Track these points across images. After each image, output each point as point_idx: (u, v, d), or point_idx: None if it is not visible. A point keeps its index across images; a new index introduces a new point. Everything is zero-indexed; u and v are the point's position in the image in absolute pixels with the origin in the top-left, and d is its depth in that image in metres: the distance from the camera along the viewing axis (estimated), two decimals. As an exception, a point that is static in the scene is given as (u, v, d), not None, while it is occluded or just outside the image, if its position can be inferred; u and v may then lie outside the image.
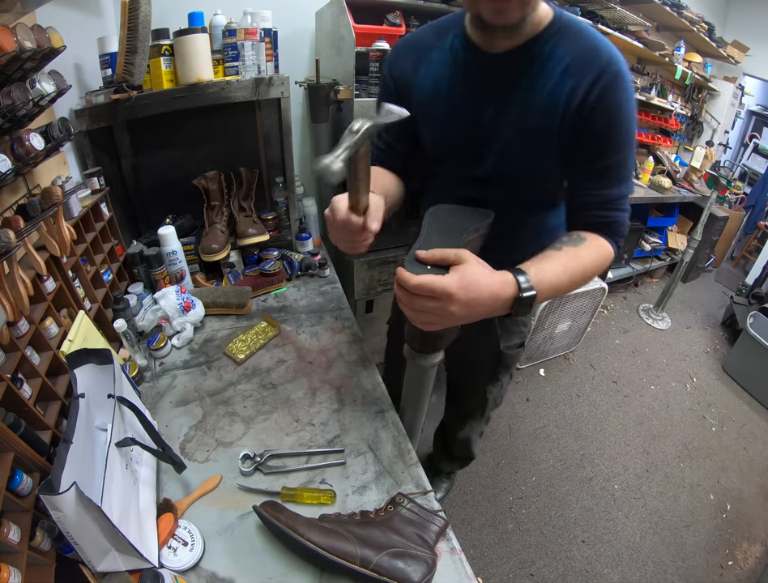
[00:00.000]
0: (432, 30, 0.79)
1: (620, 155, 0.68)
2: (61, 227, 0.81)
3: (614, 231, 0.72)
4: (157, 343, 1.00)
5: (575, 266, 0.65)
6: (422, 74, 0.77)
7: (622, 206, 0.71)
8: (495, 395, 1.17)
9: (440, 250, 0.57)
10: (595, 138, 0.66)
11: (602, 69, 0.63)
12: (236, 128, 1.32)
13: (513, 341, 1.03)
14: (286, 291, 1.29)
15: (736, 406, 2.36)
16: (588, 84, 0.63)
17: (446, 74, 0.75)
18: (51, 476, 0.51)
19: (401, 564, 0.60)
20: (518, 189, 0.79)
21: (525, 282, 0.57)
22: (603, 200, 0.70)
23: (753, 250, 3.95)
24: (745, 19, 3.60)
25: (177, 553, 0.63)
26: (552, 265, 0.62)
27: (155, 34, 1.08)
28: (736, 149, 4.65)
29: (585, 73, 0.63)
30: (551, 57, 0.66)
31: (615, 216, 0.71)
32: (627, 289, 3.36)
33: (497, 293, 0.56)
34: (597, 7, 2.47)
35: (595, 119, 0.64)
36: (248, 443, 0.82)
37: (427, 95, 0.77)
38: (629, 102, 0.65)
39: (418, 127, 0.83)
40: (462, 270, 0.54)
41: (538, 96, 0.67)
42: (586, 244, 0.68)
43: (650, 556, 1.58)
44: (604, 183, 0.69)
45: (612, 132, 0.66)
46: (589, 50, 0.64)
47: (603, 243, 0.71)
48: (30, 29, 0.70)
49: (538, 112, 0.68)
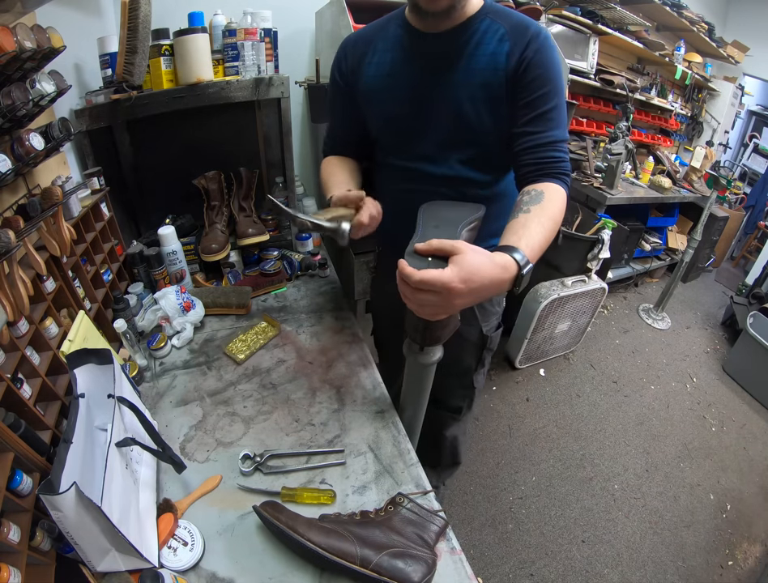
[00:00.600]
0: (374, 26, 0.89)
1: (556, 102, 0.77)
2: (61, 227, 0.81)
3: (561, 170, 0.78)
4: (157, 343, 1.00)
5: (547, 222, 0.70)
6: (367, 61, 0.86)
7: (564, 148, 0.79)
8: (479, 384, 1.20)
9: (437, 240, 0.58)
10: (534, 85, 0.76)
11: (534, 33, 0.75)
12: (236, 128, 1.32)
13: (491, 323, 1.08)
14: (286, 291, 1.29)
15: (736, 406, 2.36)
16: (524, 44, 0.75)
17: (389, 57, 0.84)
18: (51, 476, 0.51)
19: (401, 564, 0.60)
20: (468, 155, 0.85)
21: (522, 259, 0.61)
22: (548, 141, 0.77)
23: (753, 250, 3.96)
24: (745, 19, 3.60)
25: (177, 553, 0.63)
26: (533, 232, 0.67)
27: (155, 34, 1.08)
28: (735, 149, 4.65)
29: (519, 37, 0.75)
30: (488, 30, 0.77)
31: (561, 156, 0.78)
32: (627, 289, 3.36)
33: (500, 277, 0.59)
34: (597, 7, 2.47)
35: (533, 70, 0.75)
36: (248, 443, 0.82)
37: (372, 78, 0.86)
38: (557, 61, 0.78)
39: (365, 112, 0.91)
40: (460, 262, 0.55)
41: (481, 60, 0.77)
42: (546, 197, 0.73)
43: (650, 556, 1.58)
44: (548, 125, 0.77)
45: (549, 79, 0.76)
46: (521, 22, 0.77)
47: (557, 188, 0.76)
48: (30, 29, 0.70)
49: (482, 71, 0.77)
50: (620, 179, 2.59)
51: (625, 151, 2.48)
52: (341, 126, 0.99)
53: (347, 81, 0.90)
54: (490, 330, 1.07)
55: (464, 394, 1.22)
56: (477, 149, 0.84)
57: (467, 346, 1.08)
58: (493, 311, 1.07)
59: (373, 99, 0.87)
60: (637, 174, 3.08)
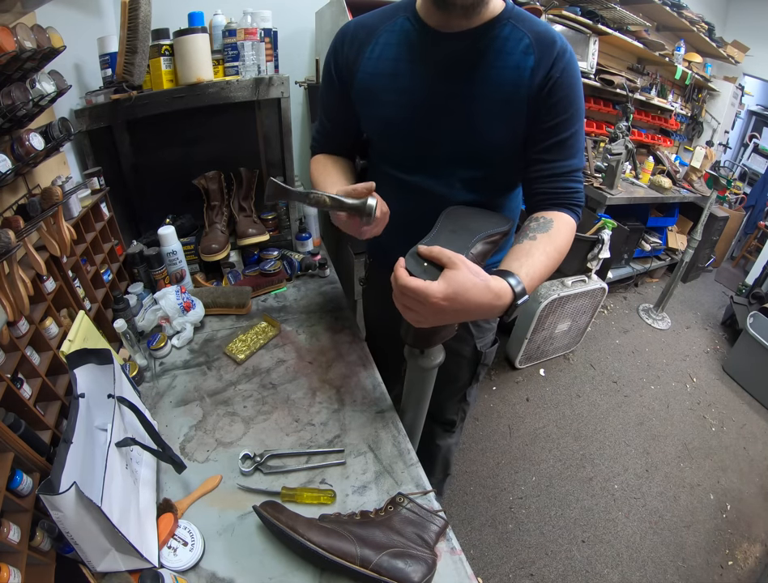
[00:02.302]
0: (378, 14, 0.79)
1: (576, 127, 0.73)
2: (61, 227, 0.81)
3: (576, 201, 0.75)
4: (157, 343, 1.00)
5: (553, 252, 0.68)
6: (367, 55, 0.76)
7: (580, 178, 0.76)
8: (472, 398, 1.19)
9: (438, 249, 0.57)
10: (558, 108, 0.70)
11: (561, 50, 0.69)
12: (236, 128, 1.32)
13: (487, 338, 1.05)
14: (286, 291, 1.29)
15: (736, 406, 2.36)
16: (550, 62, 0.68)
17: (393, 53, 0.75)
18: (51, 476, 0.51)
19: (401, 564, 0.60)
20: (472, 174, 0.79)
21: (518, 288, 0.58)
22: (565, 171, 0.74)
23: (753, 250, 3.96)
24: (745, 19, 3.60)
25: (177, 553, 0.63)
26: (536, 260, 0.64)
27: (155, 34, 1.08)
28: (735, 149, 4.65)
29: (546, 52, 0.68)
30: (510, 36, 0.70)
31: (576, 187, 0.75)
32: (627, 289, 3.36)
33: (490, 304, 0.56)
34: (597, 7, 2.47)
35: (557, 91, 0.69)
36: (248, 443, 0.82)
37: (371, 76, 0.77)
38: (580, 82, 0.72)
39: (358, 112, 0.83)
40: (449, 279, 0.54)
41: (503, 72, 0.70)
42: (555, 226, 0.70)
43: (650, 556, 1.58)
44: (567, 154, 0.73)
45: (572, 102, 0.71)
46: (545, 33, 0.70)
47: (568, 219, 0.74)
48: (30, 29, 0.70)
49: (503, 85, 0.70)
50: (620, 179, 2.59)
51: (625, 151, 2.48)
52: (333, 123, 0.90)
53: (342, 75, 0.81)
54: (485, 346, 1.04)
55: (458, 408, 1.21)
56: (483, 169, 0.79)
57: (461, 363, 1.06)
58: (489, 327, 1.04)
59: (370, 99, 0.79)
60: (637, 174, 3.08)
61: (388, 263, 0.63)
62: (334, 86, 0.83)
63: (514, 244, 0.69)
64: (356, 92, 0.80)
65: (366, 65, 0.77)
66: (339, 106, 0.85)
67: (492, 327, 1.06)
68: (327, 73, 0.84)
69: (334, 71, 0.82)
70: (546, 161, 0.74)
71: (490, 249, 0.70)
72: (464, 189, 0.80)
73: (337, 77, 0.82)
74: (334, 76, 0.82)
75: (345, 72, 0.80)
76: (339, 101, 0.85)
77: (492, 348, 1.07)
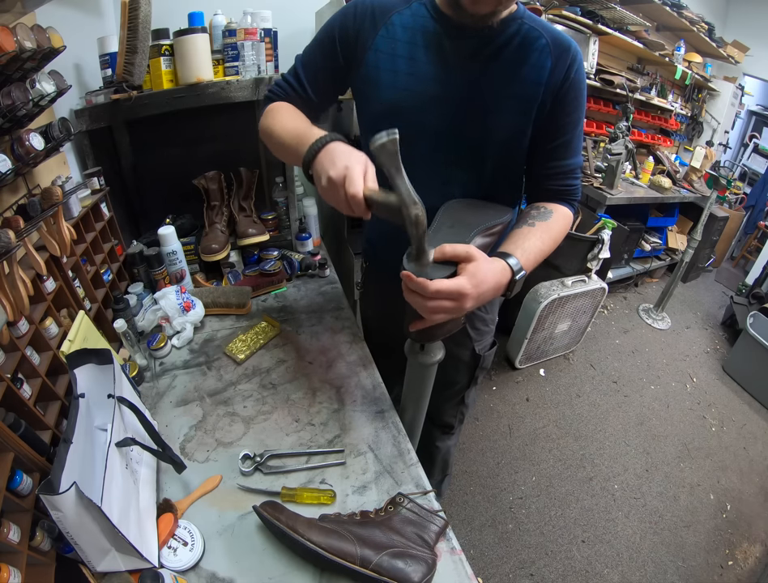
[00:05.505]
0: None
1: (580, 126, 0.77)
2: (61, 227, 0.81)
3: (574, 196, 0.81)
4: (157, 343, 1.00)
5: (549, 238, 0.72)
6: (380, 34, 0.73)
7: (579, 175, 0.81)
8: (471, 401, 1.19)
9: (450, 248, 0.58)
10: (568, 108, 0.74)
11: (574, 53, 0.71)
12: (236, 128, 1.32)
13: (485, 341, 1.06)
14: (286, 291, 1.29)
15: (736, 406, 2.36)
16: (567, 63, 0.70)
17: (407, 37, 0.72)
18: (51, 476, 0.51)
19: (401, 564, 0.60)
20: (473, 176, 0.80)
21: (516, 265, 0.64)
22: (567, 170, 0.78)
23: (753, 250, 3.96)
24: (745, 19, 3.60)
25: (177, 553, 0.63)
26: (531, 244, 0.69)
27: (155, 34, 1.08)
28: (735, 149, 4.66)
29: (563, 54, 0.70)
30: (528, 35, 0.71)
31: (576, 184, 0.80)
32: (627, 289, 3.36)
33: (499, 282, 0.62)
34: (597, 7, 2.47)
35: (570, 92, 0.72)
36: (248, 443, 0.82)
37: (383, 54, 0.73)
38: (586, 84, 0.76)
39: (361, 94, 0.80)
40: (472, 270, 0.57)
41: (523, 70, 0.71)
42: (554, 217, 0.75)
43: (650, 556, 1.58)
44: (570, 153, 0.77)
45: (579, 103, 0.75)
46: (560, 36, 0.72)
47: (566, 212, 0.79)
48: (30, 29, 0.70)
49: (523, 83, 0.71)
50: (620, 179, 2.59)
51: (625, 151, 2.49)
52: (310, 83, 0.80)
53: (348, 43, 0.75)
54: (483, 349, 1.05)
55: (456, 411, 1.22)
56: (482, 167, 0.78)
57: (459, 366, 1.06)
58: (487, 330, 1.05)
59: (379, 79, 0.74)
60: (637, 174, 3.08)
61: (385, 268, 0.63)
62: (333, 49, 0.77)
63: (513, 229, 0.73)
64: (365, 68, 0.75)
65: (379, 42, 0.73)
66: (326, 72, 0.80)
67: (490, 330, 1.06)
68: (328, 35, 0.77)
69: (338, 35, 0.76)
70: (552, 160, 0.78)
71: (491, 242, 0.71)
72: (461, 189, 0.80)
73: (340, 43, 0.76)
74: (337, 40, 0.76)
75: (353, 42, 0.75)
76: (329, 64, 0.79)
77: (490, 351, 1.07)
